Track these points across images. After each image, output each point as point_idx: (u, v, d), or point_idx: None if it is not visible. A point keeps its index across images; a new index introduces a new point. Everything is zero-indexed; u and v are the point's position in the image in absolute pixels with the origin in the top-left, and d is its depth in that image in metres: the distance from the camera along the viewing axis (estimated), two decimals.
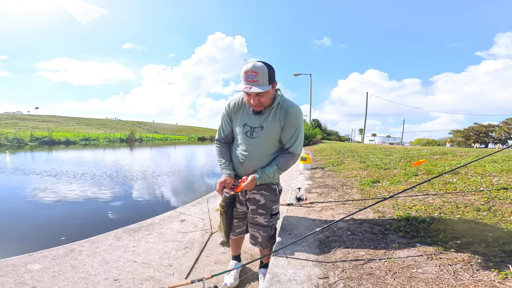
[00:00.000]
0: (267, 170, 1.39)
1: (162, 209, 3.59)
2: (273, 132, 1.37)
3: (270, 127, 1.36)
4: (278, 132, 1.37)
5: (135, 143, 26.69)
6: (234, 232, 1.62)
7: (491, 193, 1.95)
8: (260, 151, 1.40)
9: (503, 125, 45.52)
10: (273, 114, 1.37)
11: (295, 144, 1.39)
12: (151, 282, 1.64)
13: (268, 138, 1.38)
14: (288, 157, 1.40)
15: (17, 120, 35.00)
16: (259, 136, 1.38)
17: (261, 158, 1.41)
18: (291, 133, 1.38)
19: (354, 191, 2.83)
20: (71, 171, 7.32)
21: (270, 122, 1.36)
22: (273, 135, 1.37)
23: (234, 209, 1.53)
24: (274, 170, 1.39)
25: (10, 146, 16.49)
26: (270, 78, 1.24)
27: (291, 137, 1.38)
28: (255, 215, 1.49)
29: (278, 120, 1.36)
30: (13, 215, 3.61)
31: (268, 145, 1.40)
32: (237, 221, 1.59)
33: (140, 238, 2.27)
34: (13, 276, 1.61)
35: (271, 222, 1.51)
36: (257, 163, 1.42)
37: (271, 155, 1.43)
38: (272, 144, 1.41)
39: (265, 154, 1.41)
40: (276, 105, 1.37)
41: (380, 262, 1.21)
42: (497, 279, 0.93)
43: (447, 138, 46.10)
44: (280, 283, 1.13)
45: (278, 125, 1.36)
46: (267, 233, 1.50)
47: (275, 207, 1.52)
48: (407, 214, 1.80)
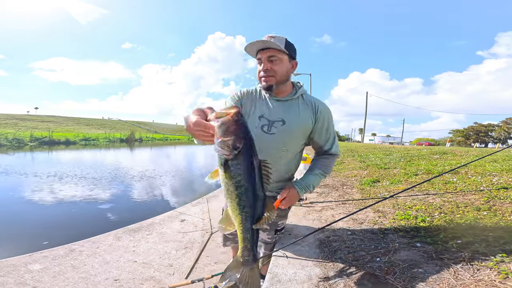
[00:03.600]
0: (310, 179, 1.16)
1: (162, 209, 3.59)
2: (297, 128, 1.14)
3: (296, 122, 1.13)
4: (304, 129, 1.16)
5: (135, 143, 26.69)
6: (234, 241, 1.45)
7: (491, 193, 1.95)
8: (279, 150, 1.15)
9: (503, 124, 45.56)
10: (297, 107, 1.16)
11: (334, 143, 1.22)
12: (151, 282, 1.64)
13: (290, 135, 1.14)
14: (329, 158, 1.22)
15: (16, 120, 34.98)
16: (278, 132, 1.13)
17: (280, 160, 1.16)
18: (327, 132, 1.19)
19: (354, 191, 2.83)
20: (71, 172, 7.32)
21: (294, 116, 1.14)
22: (297, 131, 1.15)
23: None
24: (318, 176, 1.18)
25: (10, 146, 16.49)
26: (288, 47, 1.08)
27: (328, 137, 1.20)
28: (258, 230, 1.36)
29: (304, 116, 1.15)
30: (13, 215, 3.61)
31: (290, 144, 1.16)
32: None
33: (140, 238, 2.27)
34: (14, 276, 1.61)
35: (275, 239, 1.35)
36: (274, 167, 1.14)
37: (293, 157, 1.20)
38: (295, 142, 1.17)
39: (285, 155, 1.17)
40: (301, 97, 1.18)
41: (381, 261, 1.21)
42: (497, 279, 0.93)
43: (447, 138, 46.14)
44: (280, 283, 1.13)
45: (304, 123, 1.15)
46: (268, 250, 1.37)
47: (281, 223, 1.33)
48: (407, 213, 1.80)
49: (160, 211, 3.22)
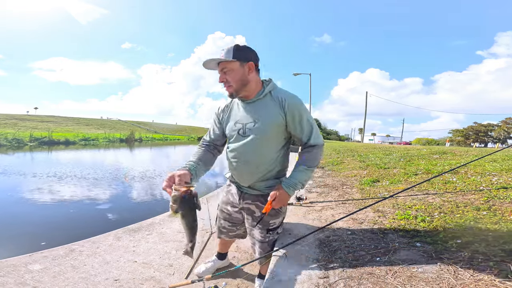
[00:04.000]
0: (297, 176, 1.18)
1: (162, 209, 3.59)
2: (269, 126, 1.17)
3: (266, 121, 1.17)
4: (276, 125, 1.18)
5: (135, 143, 26.68)
6: (228, 235, 1.55)
7: (491, 193, 1.96)
8: (256, 151, 1.19)
9: (502, 124, 45.59)
10: (266, 105, 1.19)
11: (313, 134, 1.20)
12: (152, 282, 1.64)
13: (263, 134, 1.17)
14: (312, 151, 1.19)
15: (16, 120, 34.94)
16: (252, 133, 1.18)
17: (259, 161, 1.21)
18: (300, 125, 1.18)
19: (354, 191, 2.83)
20: (71, 172, 7.32)
21: (264, 115, 1.17)
22: (269, 129, 1.17)
23: (227, 214, 1.47)
24: (304, 171, 1.19)
25: (9, 146, 16.47)
26: (235, 53, 1.12)
27: (304, 128, 1.19)
28: (251, 227, 1.36)
29: (272, 113, 1.17)
30: (13, 215, 3.61)
31: (267, 142, 1.19)
32: (230, 225, 1.49)
33: (140, 238, 2.27)
34: (14, 276, 1.61)
35: (268, 238, 1.33)
36: (254, 169, 1.23)
37: (271, 156, 1.22)
38: (271, 140, 1.20)
39: (264, 154, 1.21)
40: (269, 94, 1.20)
41: (380, 261, 1.21)
42: (497, 279, 0.93)
43: (447, 138, 46.17)
44: (280, 282, 1.13)
45: (273, 119, 1.17)
46: (263, 248, 1.35)
47: (273, 222, 1.31)
48: (407, 213, 1.80)
49: (160, 211, 3.22)
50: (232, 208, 1.44)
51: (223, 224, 1.53)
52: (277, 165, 1.26)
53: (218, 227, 1.56)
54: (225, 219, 1.50)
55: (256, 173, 1.24)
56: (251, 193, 1.32)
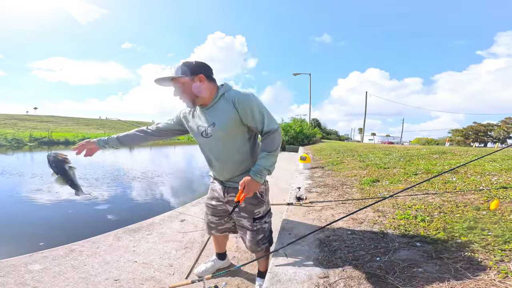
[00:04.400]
0: (260, 163, 1.26)
1: (162, 209, 3.59)
2: (226, 123, 1.28)
3: (221, 122, 1.28)
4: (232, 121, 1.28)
5: None
6: (217, 229, 1.61)
7: (490, 192, 1.96)
8: (222, 148, 1.33)
9: (502, 124, 45.62)
10: (222, 107, 1.30)
11: (265, 122, 1.27)
12: (152, 282, 1.64)
13: (223, 131, 1.29)
14: (268, 137, 1.27)
15: (16, 120, 34.91)
16: (213, 133, 1.31)
17: (228, 157, 1.34)
18: (253, 115, 1.27)
19: (354, 191, 2.83)
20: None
21: (220, 115, 1.29)
22: (227, 126, 1.28)
23: (213, 208, 1.55)
24: (265, 157, 1.26)
25: (9, 146, 16.45)
26: (183, 69, 1.27)
27: (257, 118, 1.27)
28: (239, 218, 1.44)
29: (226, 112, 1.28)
30: (13, 215, 3.61)
31: (228, 141, 1.32)
32: (217, 218, 1.56)
33: (140, 238, 2.27)
34: (14, 276, 1.61)
35: (255, 227, 1.42)
36: (226, 164, 1.36)
37: (238, 150, 1.33)
38: (233, 135, 1.31)
39: (230, 149, 1.33)
40: (222, 98, 1.31)
41: (381, 261, 1.21)
42: (497, 278, 0.94)
43: (446, 137, 46.19)
44: (280, 282, 1.13)
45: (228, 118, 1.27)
46: (253, 237, 1.43)
47: (257, 211, 1.41)
48: (407, 213, 1.80)
49: (160, 211, 3.22)
50: (217, 202, 1.52)
51: (210, 219, 1.60)
52: (248, 158, 1.36)
53: (207, 223, 1.64)
54: (212, 213, 1.58)
55: (230, 167, 1.37)
56: (234, 186, 1.40)
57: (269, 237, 1.52)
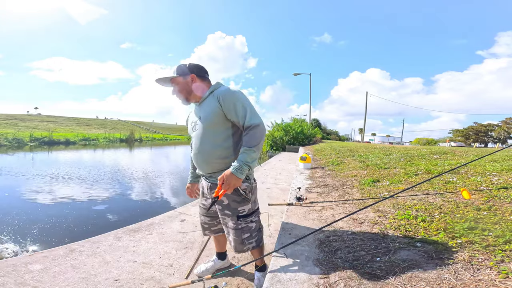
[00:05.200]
0: (240, 158, 1.25)
1: (162, 209, 3.59)
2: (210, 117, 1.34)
3: (207, 113, 1.36)
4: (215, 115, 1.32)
5: (135, 143, 26.68)
6: (211, 230, 1.63)
7: (491, 193, 1.95)
8: (204, 142, 1.37)
9: (502, 124, 45.54)
10: (208, 103, 1.39)
11: (247, 116, 1.28)
12: (152, 282, 1.64)
13: (206, 126, 1.36)
14: (249, 132, 1.26)
15: (16, 120, 34.94)
16: (200, 127, 1.40)
17: (209, 150, 1.36)
18: (235, 110, 1.29)
19: (354, 191, 2.83)
20: (71, 172, 7.32)
21: (206, 110, 1.37)
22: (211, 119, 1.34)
23: (204, 207, 1.57)
24: (245, 153, 1.24)
25: (9, 146, 16.47)
26: (178, 70, 1.41)
27: (239, 113, 1.29)
28: (223, 216, 1.44)
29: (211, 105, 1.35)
30: (13, 215, 3.61)
31: (210, 134, 1.36)
32: (209, 219, 1.59)
33: (140, 238, 2.27)
34: (14, 276, 1.61)
35: (240, 225, 1.41)
36: (207, 157, 1.38)
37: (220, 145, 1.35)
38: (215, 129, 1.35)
39: (212, 144, 1.35)
40: (211, 95, 1.41)
41: (381, 261, 1.21)
42: (497, 279, 0.93)
43: (447, 138, 46.11)
44: (280, 282, 1.13)
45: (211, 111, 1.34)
46: (237, 236, 1.42)
47: (241, 209, 1.40)
48: (407, 213, 1.80)
49: (160, 211, 3.22)
50: (206, 201, 1.54)
51: (203, 220, 1.63)
52: (231, 154, 1.36)
53: (201, 223, 1.67)
54: (204, 214, 1.60)
55: (211, 161, 1.39)
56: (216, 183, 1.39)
57: (257, 236, 1.48)
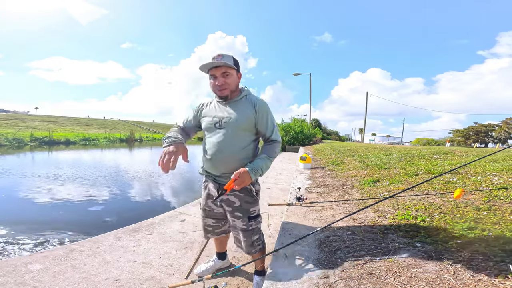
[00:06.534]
0: (258, 162, 1.32)
1: (162, 209, 3.59)
2: (242, 123, 1.35)
3: (238, 117, 1.35)
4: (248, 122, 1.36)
5: (135, 143, 26.70)
6: (214, 232, 1.61)
7: (491, 193, 1.95)
8: (231, 143, 1.36)
9: (503, 124, 45.51)
10: (241, 105, 1.39)
11: (274, 131, 1.43)
12: (152, 282, 1.64)
13: (237, 128, 1.35)
14: (273, 144, 1.42)
15: (17, 120, 34.98)
16: (228, 126, 1.36)
17: (233, 151, 1.36)
18: (266, 123, 1.40)
19: (354, 191, 2.83)
20: (71, 172, 7.32)
21: (239, 112, 1.37)
22: (242, 123, 1.35)
23: (210, 210, 1.53)
24: (265, 159, 1.35)
25: (10, 146, 16.48)
26: (235, 63, 1.36)
27: (267, 126, 1.40)
28: (233, 218, 1.44)
29: (246, 111, 1.37)
30: (13, 215, 3.61)
31: (237, 136, 1.36)
32: (214, 221, 1.56)
33: (140, 238, 2.27)
34: (14, 276, 1.61)
35: (251, 226, 1.43)
36: (228, 158, 1.36)
37: (242, 148, 1.38)
38: (243, 133, 1.37)
39: (236, 144, 1.36)
40: (244, 98, 1.41)
41: (381, 261, 1.21)
42: (497, 279, 0.93)
43: (447, 138, 46.10)
44: (280, 282, 1.13)
45: (246, 116, 1.36)
46: (247, 237, 1.43)
47: (253, 210, 1.43)
48: (407, 213, 1.80)
49: (160, 211, 3.22)
50: (213, 204, 1.51)
51: (207, 222, 1.59)
52: (248, 157, 1.40)
53: (203, 226, 1.62)
54: (208, 216, 1.57)
55: (230, 162, 1.37)
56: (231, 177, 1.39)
57: (263, 238, 1.53)
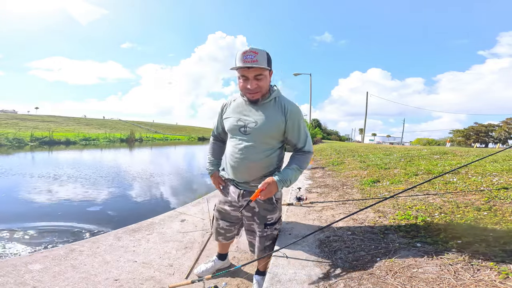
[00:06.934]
0: (288, 173, 1.25)
1: (162, 209, 3.59)
2: (270, 129, 1.24)
3: (266, 124, 1.24)
4: (277, 129, 1.26)
5: (135, 143, 26.71)
6: (225, 236, 1.59)
7: (491, 193, 1.95)
8: (255, 151, 1.27)
9: (503, 124, 45.45)
10: (270, 109, 1.26)
11: (307, 142, 1.32)
12: (152, 282, 1.64)
13: (263, 135, 1.25)
14: (306, 155, 1.32)
15: (17, 120, 35.00)
16: (254, 132, 1.25)
17: (258, 159, 1.28)
18: (298, 132, 1.29)
19: (354, 191, 2.83)
20: (71, 172, 7.33)
21: (267, 118, 1.24)
22: (269, 130, 1.25)
23: (226, 212, 1.51)
24: (295, 170, 1.27)
25: (10, 146, 16.49)
26: (269, 62, 1.18)
27: (300, 136, 1.30)
28: (251, 222, 1.43)
29: (275, 116, 1.24)
30: (14, 215, 3.61)
31: (263, 143, 1.27)
32: (228, 224, 1.54)
33: (140, 238, 2.27)
34: (14, 276, 1.61)
35: (265, 233, 1.41)
36: (253, 166, 1.29)
37: (269, 156, 1.29)
38: (269, 140, 1.28)
39: (261, 152, 1.27)
40: (273, 100, 1.27)
41: (381, 261, 1.21)
42: (497, 279, 0.93)
43: (447, 138, 46.06)
44: (280, 283, 1.13)
45: (275, 123, 1.24)
46: (261, 243, 1.42)
47: (270, 217, 1.39)
48: (408, 213, 1.80)
49: (160, 211, 3.22)
50: (230, 207, 1.47)
51: (221, 225, 1.56)
52: (273, 164, 1.34)
53: (216, 228, 1.59)
54: (224, 218, 1.54)
55: (254, 170, 1.31)
56: (250, 190, 1.36)
57: (274, 244, 1.50)
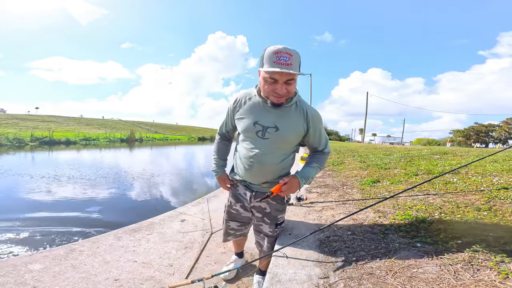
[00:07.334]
0: (310, 171, 1.28)
1: (162, 209, 3.59)
2: (291, 135, 1.23)
3: (287, 130, 1.21)
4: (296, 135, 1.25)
5: (135, 143, 26.72)
6: (235, 235, 1.60)
7: (491, 193, 1.95)
8: (272, 154, 1.25)
9: (503, 125, 45.44)
10: (291, 114, 1.22)
11: (327, 144, 1.39)
12: (152, 282, 1.64)
13: (283, 140, 1.23)
14: (326, 155, 1.39)
15: (17, 120, 35.02)
16: (272, 137, 1.22)
17: (274, 164, 1.27)
18: (319, 137, 1.33)
19: (355, 191, 2.83)
20: (71, 172, 7.33)
21: (288, 124, 1.21)
22: (289, 137, 1.23)
23: (236, 213, 1.51)
24: (315, 168, 1.31)
25: (10, 146, 16.50)
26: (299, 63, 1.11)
27: (321, 140, 1.34)
28: (260, 223, 1.44)
29: (296, 122, 1.22)
30: (14, 215, 3.61)
31: (283, 147, 1.26)
32: (239, 224, 1.55)
33: (140, 238, 2.27)
34: (14, 276, 1.61)
35: (276, 232, 1.44)
36: (268, 169, 1.28)
37: (284, 160, 1.30)
38: (288, 146, 1.28)
39: (278, 157, 1.27)
40: (294, 104, 1.22)
41: (381, 262, 1.21)
42: (497, 279, 0.93)
43: (448, 138, 46.05)
44: (280, 283, 1.13)
45: (296, 129, 1.23)
46: (270, 243, 1.44)
47: (281, 217, 1.43)
48: (408, 213, 1.80)
49: (160, 211, 3.22)
50: (242, 208, 1.48)
51: (231, 226, 1.56)
52: (287, 167, 1.35)
53: (226, 229, 1.58)
54: (234, 219, 1.54)
55: (269, 173, 1.31)
56: (262, 191, 1.37)
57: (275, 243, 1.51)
